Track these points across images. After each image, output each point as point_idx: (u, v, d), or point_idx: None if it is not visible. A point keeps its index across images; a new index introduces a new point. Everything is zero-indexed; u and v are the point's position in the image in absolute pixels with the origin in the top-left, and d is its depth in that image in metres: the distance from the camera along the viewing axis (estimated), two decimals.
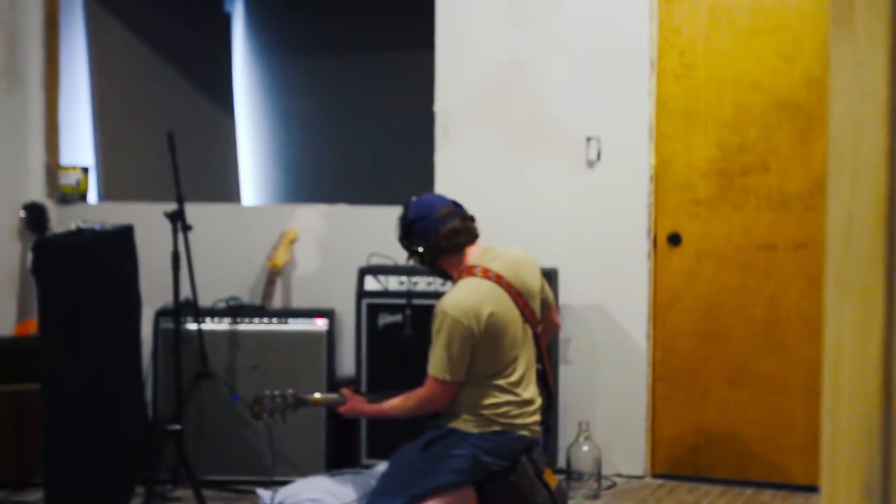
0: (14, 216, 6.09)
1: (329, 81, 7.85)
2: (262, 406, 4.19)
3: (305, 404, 4.27)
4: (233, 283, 5.82)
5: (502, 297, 4.05)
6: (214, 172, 7.50)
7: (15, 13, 6.16)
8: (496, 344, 4.02)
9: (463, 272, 4.10)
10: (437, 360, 3.99)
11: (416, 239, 4.11)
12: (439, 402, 4.04)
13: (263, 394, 4.21)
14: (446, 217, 4.12)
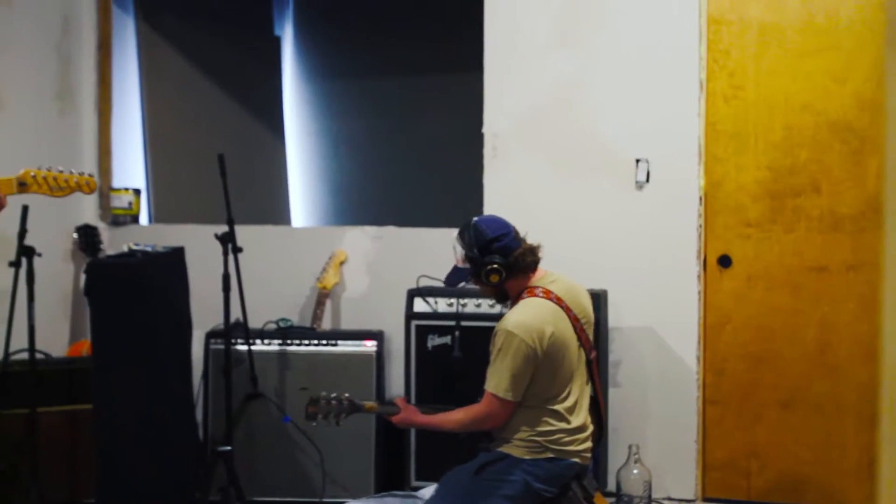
0: (67, 238, 6.16)
1: (378, 104, 7.87)
2: (318, 407, 4.19)
3: (360, 410, 4.27)
4: (282, 305, 5.84)
5: (563, 318, 4.04)
6: (264, 194, 7.54)
7: (69, 37, 6.24)
8: (555, 367, 4.01)
9: (524, 293, 4.10)
10: (498, 378, 3.98)
11: (496, 256, 4.09)
12: (494, 420, 4.03)
13: (320, 395, 4.21)
14: (519, 237, 4.15)
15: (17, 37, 5.87)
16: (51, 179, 3.15)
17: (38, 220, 5.26)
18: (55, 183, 3.16)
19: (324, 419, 4.21)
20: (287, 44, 7.97)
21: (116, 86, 6.47)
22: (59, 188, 3.16)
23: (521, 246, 4.13)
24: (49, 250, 5.59)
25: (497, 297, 4.25)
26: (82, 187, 3.18)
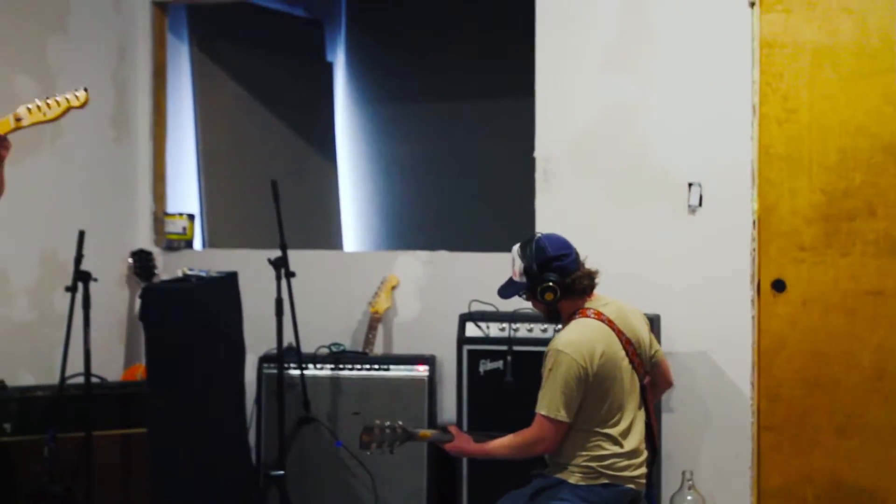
0: (122, 263, 6.23)
1: (429, 128, 7.90)
2: (372, 436, 4.19)
3: (413, 438, 4.26)
4: (335, 330, 5.86)
5: (614, 341, 4.03)
6: (316, 219, 7.58)
7: (125, 65, 6.32)
8: (606, 389, 3.99)
9: (576, 314, 4.09)
10: (548, 399, 3.96)
11: (553, 275, 4.09)
12: (546, 443, 4.01)
13: (374, 423, 4.21)
14: (579, 259, 4.16)
15: (74, 64, 5.96)
16: (42, 106, 3.20)
17: (94, 245, 5.33)
18: (46, 107, 3.20)
19: (378, 448, 4.21)
20: (339, 69, 8.03)
21: (171, 112, 6.55)
22: (49, 109, 3.22)
23: (579, 269, 4.13)
24: (105, 275, 5.66)
25: (548, 317, 4.24)
26: (72, 103, 3.22)
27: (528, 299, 4.23)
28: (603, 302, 4.14)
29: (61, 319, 5.32)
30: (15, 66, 5.66)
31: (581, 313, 4.09)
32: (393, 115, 8.02)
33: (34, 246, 5.73)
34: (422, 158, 7.90)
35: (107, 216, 6.12)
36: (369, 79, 8.05)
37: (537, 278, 4.10)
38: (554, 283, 4.07)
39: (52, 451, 5.10)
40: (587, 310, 4.09)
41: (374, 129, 8.03)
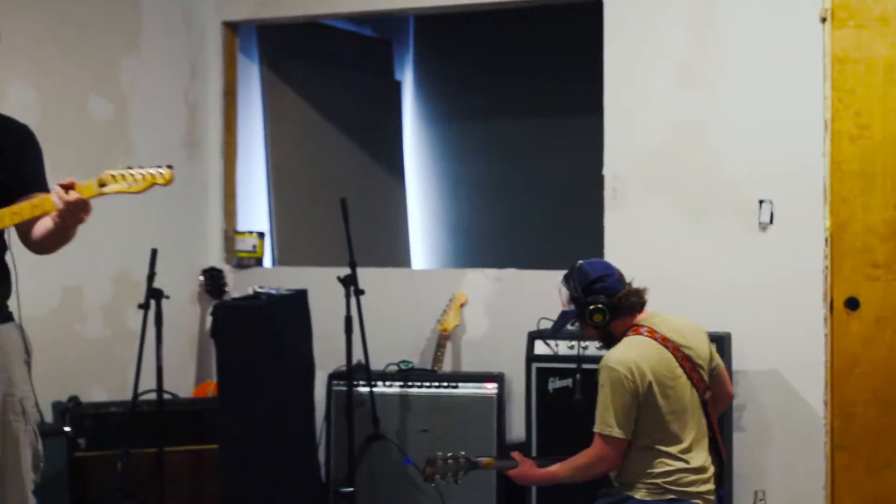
0: (193, 281, 6.29)
1: (497, 146, 7.91)
2: (435, 468, 4.20)
3: (477, 467, 4.26)
4: (404, 347, 5.88)
5: (667, 357, 4.00)
6: (385, 237, 7.61)
7: (196, 84, 6.40)
8: (663, 405, 3.96)
9: (629, 332, 4.08)
10: (601, 416, 3.95)
11: (599, 297, 4.09)
12: (606, 462, 3.99)
13: (436, 455, 4.21)
14: (623, 278, 4.15)
15: (146, 84, 6.04)
16: (128, 176, 3.23)
17: (166, 263, 5.39)
18: (132, 178, 3.23)
19: (442, 479, 4.22)
20: (407, 88, 8.07)
21: (241, 131, 6.61)
22: (135, 182, 3.25)
23: (624, 287, 4.12)
24: (176, 293, 5.73)
25: (603, 340, 4.22)
26: (157, 179, 3.25)
27: (581, 326, 4.22)
28: (658, 319, 4.11)
29: (134, 336, 5.38)
30: (89, 86, 5.75)
31: (633, 331, 4.08)
32: (461, 133, 8.04)
33: (108, 264, 5.80)
34: (490, 176, 7.91)
35: (178, 234, 6.19)
36: (437, 97, 8.08)
37: (584, 302, 4.10)
38: (601, 304, 4.07)
39: (125, 466, 5.16)
40: (640, 327, 4.07)
41: (443, 147, 8.05)
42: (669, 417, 3.97)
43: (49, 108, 5.43)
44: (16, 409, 3.39)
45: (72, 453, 5.18)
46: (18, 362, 3.45)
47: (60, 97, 5.55)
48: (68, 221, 3.26)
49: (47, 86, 5.45)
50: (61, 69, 5.58)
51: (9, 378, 3.39)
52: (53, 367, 5.17)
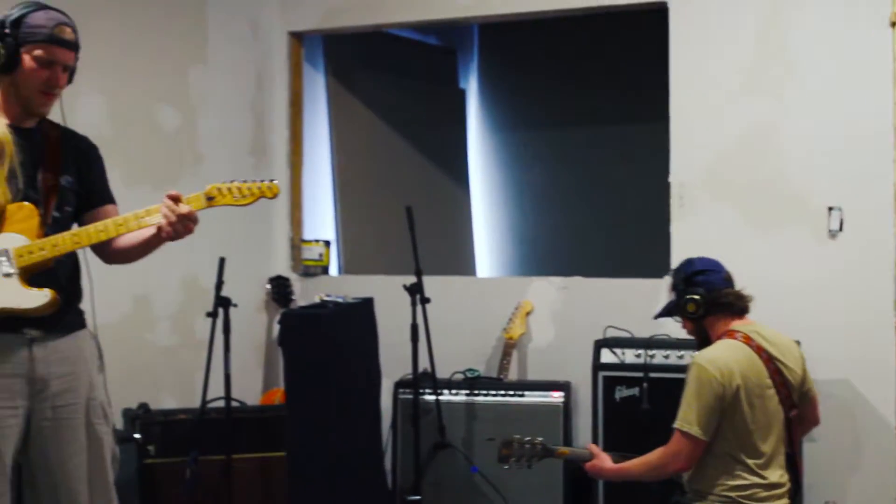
0: (261, 289, 6.33)
1: (562, 154, 7.90)
2: (511, 450, 4.19)
3: (552, 455, 4.24)
4: (469, 355, 5.88)
5: (759, 367, 3.95)
6: (450, 245, 7.62)
7: (263, 94, 6.45)
8: (746, 414, 3.91)
9: (724, 335, 4.04)
10: (684, 412, 3.91)
11: (698, 289, 4.07)
12: (682, 461, 3.94)
13: (513, 438, 4.21)
14: (730, 281, 4.13)
15: (214, 94, 6.10)
16: (235, 189, 3.28)
17: (233, 271, 5.43)
18: (239, 192, 3.28)
19: (516, 462, 4.21)
20: (472, 96, 8.08)
21: (307, 140, 6.66)
22: (242, 196, 3.29)
23: (727, 287, 4.09)
24: (244, 301, 5.76)
25: (698, 337, 4.17)
26: (265, 192, 3.29)
27: (677, 315, 4.19)
28: (756, 328, 4.07)
29: (202, 344, 5.43)
30: (158, 96, 5.82)
31: (728, 335, 4.04)
32: (526, 141, 8.03)
33: (176, 272, 5.86)
34: (555, 184, 7.90)
35: (245, 243, 6.23)
36: (502, 105, 8.09)
37: (682, 291, 4.08)
38: (697, 295, 4.04)
39: (193, 473, 5.19)
40: (735, 332, 4.03)
41: (507, 155, 8.05)
42: (752, 427, 3.93)
43: (118, 118, 5.50)
44: (98, 413, 3.49)
45: (142, 460, 5.23)
46: (95, 367, 3.55)
47: (130, 107, 5.62)
48: (181, 233, 3.36)
49: (117, 96, 5.51)
50: (130, 80, 5.65)
51: (90, 383, 3.49)
52: (124, 375, 5.21)
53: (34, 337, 3.37)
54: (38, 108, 3.45)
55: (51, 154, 3.48)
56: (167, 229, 3.34)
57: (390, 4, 6.29)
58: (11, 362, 3.35)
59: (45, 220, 3.39)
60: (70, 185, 3.50)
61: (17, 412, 3.36)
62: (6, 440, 3.34)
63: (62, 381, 3.41)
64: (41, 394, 3.38)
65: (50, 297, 3.32)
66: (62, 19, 3.43)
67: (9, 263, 3.30)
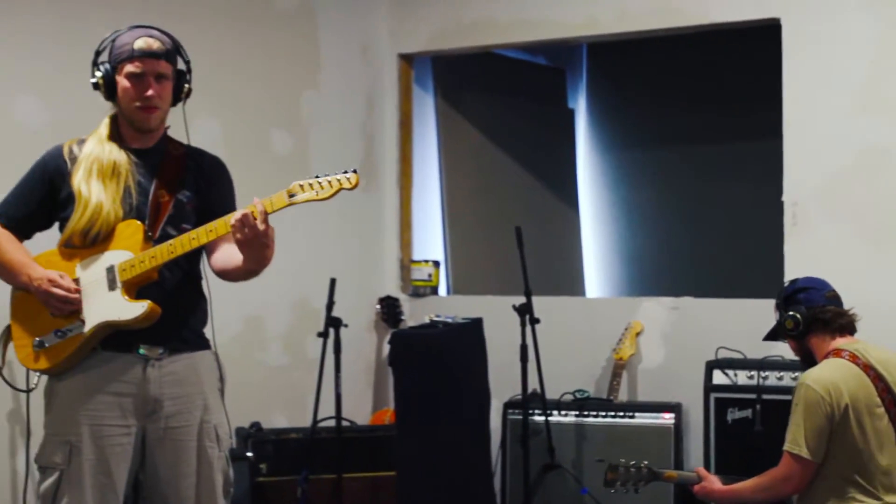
0: (370, 309, 6.38)
1: (672, 173, 7.83)
2: (617, 474, 4.18)
3: (658, 478, 4.22)
4: (579, 376, 5.85)
5: (867, 386, 3.87)
6: (559, 265, 7.60)
7: (373, 116, 6.51)
8: (856, 435, 3.83)
9: (829, 354, 3.97)
10: (792, 434, 3.85)
11: (798, 306, 4.01)
12: (792, 483, 3.87)
13: (619, 462, 4.19)
14: (834, 299, 4.06)
15: (324, 117, 6.18)
16: (316, 184, 3.27)
17: (343, 292, 5.48)
18: (319, 186, 3.27)
19: (622, 486, 4.19)
20: (581, 116, 8.06)
21: (417, 161, 6.70)
22: (322, 189, 3.28)
23: (828, 304, 4.02)
24: (354, 321, 5.81)
25: (802, 356, 4.11)
26: (344, 184, 3.27)
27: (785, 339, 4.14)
28: (862, 346, 3.98)
29: (312, 364, 5.49)
30: (271, 120, 5.91)
31: (834, 354, 3.96)
32: (634, 161, 7.99)
33: (288, 293, 5.93)
34: (665, 203, 7.83)
35: (355, 263, 6.29)
36: (611, 124, 8.05)
37: (783, 308, 4.03)
38: (797, 313, 3.99)
39: (304, 491, 5.25)
40: (842, 351, 3.95)
41: (616, 175, 8.01)
42: (862, 447, 3.84)
43: (232, 141, 5.59)
44: (210, 436, 3.49)
45: (254, 478, 5.30)
46: (213, 389, 3.56)
47: (243, 130, 5.71)
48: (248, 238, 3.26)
49: (231, 120, 5.61)
50: (244, 104, 5.75)
51: (205, 404, 3.50)
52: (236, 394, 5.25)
53: (148, 357, 3.42)
54: (141, 123, 3.47)
55: (170, 171, 3.52)
56: (235, 235, 3.27)
57: (499, 26, 6.31)
58: (125, 382, 3.40)
59: (151, 235, 3.42)
60: (188, 200, 3.52)
61: (130, 431, 3.40)
62: (117, 458, 3.39)
63: (175, 403, 3.44)
64: (154, 414, 3.42)
65: (147, 307, 3.33)
66: (147, 32, 3.45)
67: (114, 278, 3.37)
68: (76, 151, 3.48)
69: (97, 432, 3.37)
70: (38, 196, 3.50)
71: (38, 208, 3.51)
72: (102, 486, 3.36)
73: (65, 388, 3.43)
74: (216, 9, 5.65)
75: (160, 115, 3.50)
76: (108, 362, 3.40)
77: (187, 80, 3.57)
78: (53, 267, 3.44)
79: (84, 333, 3.37)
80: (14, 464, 4.80)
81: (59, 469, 3.36)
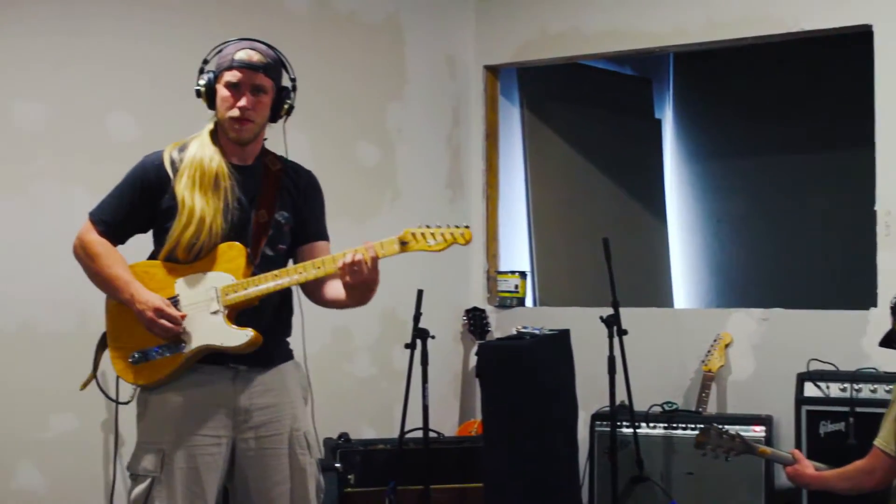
0: (457, 321, 6.39)
1: (760, 182, 7.76)
2: (708, 437, 4.17)
3: (752, 452, 4.22)
4: (667, 388, 5.80)
5: None
6: (646, 276, 7.55)
7: (458, 128, 6.52)
8: None
9: None
10: (885, 431, 3.83)
11: None
12: (874, 478, 3.84)
13: (712, 426, 4.21)
14: None
15: (411, 129, 6.20)
16: (428, 235, 3.26)
17: (430, 303, 5.49)
18: (432, 237, 3.26)
19: (712, 451, 4.20)
20: (667, 126, 8.01)
21: (502, 172, 6.70)
22: (435, 242, 3.26)
23: None
24: (440, 332, 5.81)
25: None
26: (457, 239, 3.26)
27: None
28: None
29: (399, 375, 5.50)
30: (357, 133, 5.95)
31: None
32: (723, 170, 7.92)
33: (375, 304, 5.88)
34: (753, 213, 7.75)
35: (442, 275, 6.30)
36: (698, 134, 7.99)
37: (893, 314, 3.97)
38: None
39: (392, 502, 5.26)
40: None
41: (704, 185, 7.94)
42: None
43: (319, 153, 5.62)
44: (301, 443, 3.51)
45: (342, 489, 5.32)
46: (300, 399, 3.58)
47: (330, 143, 5.75)
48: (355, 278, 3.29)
49: (317, 132, 5.65)
50: (331, 116, 5.79)
51: (294, 414, 3.52)
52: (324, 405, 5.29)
53: (238, 369, 3.44)
54: (233, 134, 3.45)
55: (268, 190, 3.51)
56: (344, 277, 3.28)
57: (585, 36, 6.29)
58: (215, 393, 3.42)
59: (253, 259, 3.42)
60: (286, 220, 3.51)
61: (220, 441, 3.42)
62: (207, 468, 3.41)
63: (265, 413, 3.46)
64: (244, 424, 3.44)
65: (251, 336, 3.35)
66: (251, 44, 3.45)
67: (216, 302, 3.38)
68: (177, 158, 3.46)
69: (188, 441, 3.39)
70: (134, 202, 3.48)
71: (133, 214, 3.49)
72: (193, 494, 3.39)
73: (158, 397, 3.45)
74: (303, 24, 5.70)
75: (252, 128, 3.46)
76: (199, 374, 3.43)
77: (289, 97, 3.54)
78: (151, 279, 3.43)
79: (184, 354, 3.39)
80: (108, 472, 4.87)
81: (151, 476, 3.39)
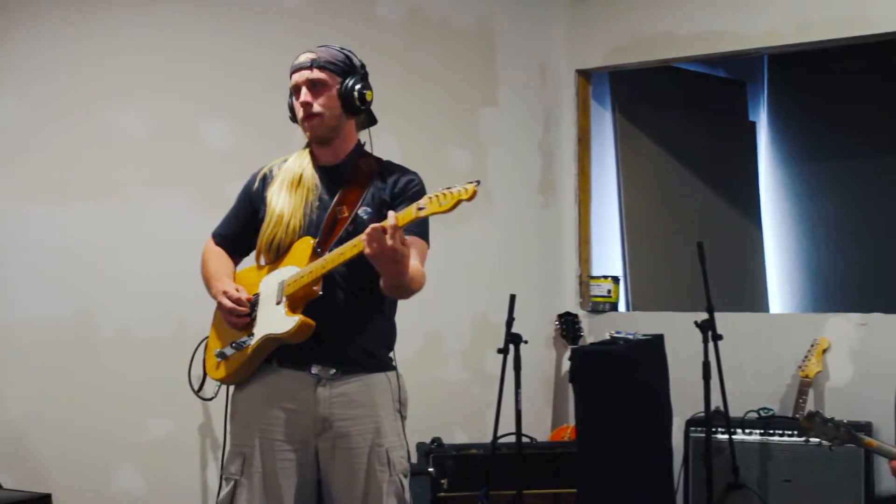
0: (549, 325, 6.37)
1: (857, 185, 7.63)
2: (812, 423, 4.15)
3: (856, 442, 4.18)
4: (763, 394, 5.73)
5: None
6: (741, 281, 7.46)
7: (550, 133, 6.51)
8: None
9: None
10: None
11: None
12: None
13: (816, 412, 4.19)
14: None
15: (503, 134, 6.21)
16: (441, 197, 3.20)
17: (522, 307, 5.47)
18: (443, 197, 3.20)
19: (816, 438, 4.17)
20: (762, 128, 7.92)
21: (595, 177, 6.67)
22: (440, 202, 3.19)
23: None
24: (533, 337, 5.78)
25: None
26: (461, 195, 3.18)
27: None
28: None
29: (491, 379, 5.49)
30: (450, 139, 5.97)
31: None
32: (819, 173, 7.80)
33: (467, 309, 5.96)
34: (850, 216, 7.63)
35: (534, 279, 6.29)
36: (793, 137, 7.88)
37: None
38: None
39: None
40: None
41: (799, 188, 7.83)
42: None
43: (410, 159, 5.56)
44: (381, 460, 3.41)
45: (435, 493, 5.33)
46: (389, 412, 3.48)
47: (421, 148, 5.77)
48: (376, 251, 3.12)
49: (409, 138, 5.67)
50: (422, 122, 5.82)
51: (377, 428, 3.42)
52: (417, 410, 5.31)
53: (320, 376, 3.40)
54: (307, 133, 3.50)
55: (355, 187, 3.51)
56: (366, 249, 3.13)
57: (678, 39, 6.24)
58: (296, 399, 3.41)
59: (320, 252, 3.39)
60: (369, 217, 3.44)
61: (298, 447, 3.41)
62: (285, 473, 3.40)
63: (344, 424, 3.39)
64: (324, 433, 3.40)
65: (297, 322, 3.30)
66: (309, 49, 3.50)
67: (281, 293, 3.39)
68: (277, 169, 3.56)
69: (268, 446, 3.40)
70: (242, 215, 3.61)
71: (242, 227, 3.60)
72: (271, 499, 3.38)
73: (243, 400, 3.49)
74: (396, 30, 5.74)
75: (321, 122, 3.46)
76: (283, 379, 3.42)
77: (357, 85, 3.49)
78: (245, 283, 3.50)
79: (251, 345, 3.41)
80: (204, 475, 4.94)
81: (234, 479, 3.41)
